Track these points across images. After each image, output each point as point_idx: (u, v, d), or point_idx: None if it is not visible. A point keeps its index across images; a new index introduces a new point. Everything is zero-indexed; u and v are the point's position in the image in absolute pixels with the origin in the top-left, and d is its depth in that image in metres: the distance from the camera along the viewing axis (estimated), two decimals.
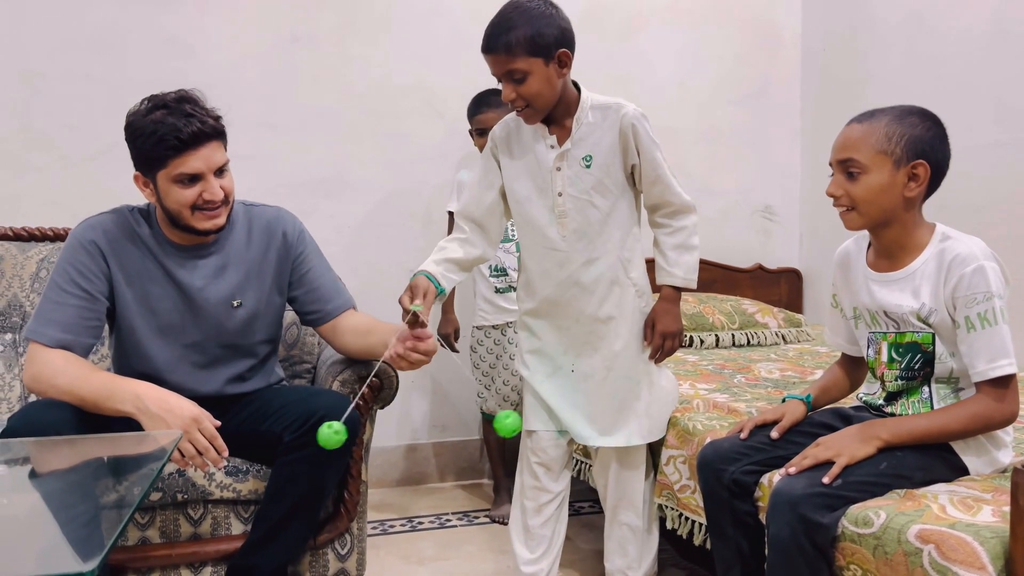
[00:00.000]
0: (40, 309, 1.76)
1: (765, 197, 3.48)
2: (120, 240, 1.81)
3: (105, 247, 1.79)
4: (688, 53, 3.29)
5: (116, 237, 1.81)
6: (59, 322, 1.73)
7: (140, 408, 1.62)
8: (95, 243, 1.78)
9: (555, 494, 1.99)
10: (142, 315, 1.82)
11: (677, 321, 1.86)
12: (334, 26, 2.91)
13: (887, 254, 1.54)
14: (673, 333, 1.85)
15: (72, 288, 1.76)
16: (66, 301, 1.75)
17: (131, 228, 1.82)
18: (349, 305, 1.96)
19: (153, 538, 1.82)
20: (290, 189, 2.76)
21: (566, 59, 1.72)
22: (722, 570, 1.58)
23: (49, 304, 1.75)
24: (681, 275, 1.84)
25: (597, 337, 1.86)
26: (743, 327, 2.94)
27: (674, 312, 1.86)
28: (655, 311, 1.87)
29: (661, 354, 1.88)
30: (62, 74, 2.64)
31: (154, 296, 1.82)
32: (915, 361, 1.50)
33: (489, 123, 2.67)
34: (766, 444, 1.57)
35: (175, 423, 1.60)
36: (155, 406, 1.62)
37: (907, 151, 1.45)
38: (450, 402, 3.12)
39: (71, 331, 1.74)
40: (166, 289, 1.83)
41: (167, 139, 1.67)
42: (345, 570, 1.95)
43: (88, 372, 1.70)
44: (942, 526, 1.22)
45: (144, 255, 1.82)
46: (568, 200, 1.80)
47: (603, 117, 1.78)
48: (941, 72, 2.77)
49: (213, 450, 1.63)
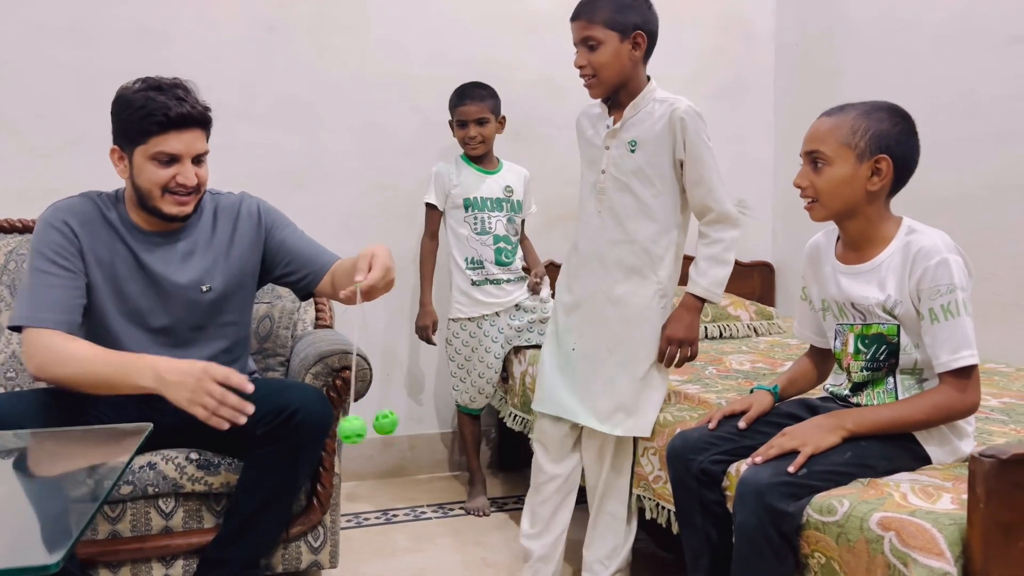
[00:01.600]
0: (25, 295, 1.73)
1: (739, 191, 3.49)
2: (91, 222, 1.79)
3: (77, 228, 1.77)
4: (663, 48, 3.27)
5: (86, 219, 1.79)
6: (50, 304, 1.71)
7: (159, 379, 1.61)
8: (66, 223, 1.77)
9: (551, 476, 2.02)
10: (111, 298, 1.80)
11: (689, 330, 1.85)
12: (310, 16, 2.89)
13: (854, 247, 1.56)
14: (681, 340, 1.85)
15: (53, 269, 1.73)
16: (51, 283, 1.72)
17: (100, 211, 1.81)
18: (336, 258, 1.93)
19: (124, 532, 1.81)
20: (264, 180, 2.74)
21: (641, 41, 1.83)
22: (691, 558, 1.60)
23: (34, 288, 1.72)
24: (704, 285, 1.84)
25: (603, 319, 1.89)
26: (716, 320, 2.97)
27: (687, 320, 1.85)
28: (671, 316, 1.88)
29: (667, 360, 1.87)
30: (31, 63, 2.60)
31: (122, 279, 1.81)
32: (880, 352, 1.52)
33: (470, 115, 2.68)
34: (734, 434, 1.59)
35: (190, 382, 1.58)
36: (171, 375, 1.60)
37: (871, 145, 1.47)
38: (425, 395, 3.12)
39: (64, 311, 1.71)
40: (134, 273, 1.82)
41: (155, 115, 1.68)
42: (318, 562, 1.96)
43: (95, 353, 1.67)
44: (903, 514, 1.25)
45: (114, 238, 1.81)
46: (609, 179, 1.88)
47: (659, 107, 1.85)
48: (913, 67, 2.81)
49: (232, 395, 1.59)
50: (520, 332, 2.73)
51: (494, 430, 3.13)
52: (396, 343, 3.06)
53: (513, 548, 2.42)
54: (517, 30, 3.08)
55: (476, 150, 2.71)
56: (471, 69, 2.90)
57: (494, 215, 2.73)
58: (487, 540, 2.48)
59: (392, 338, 3.05)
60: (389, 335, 3.05)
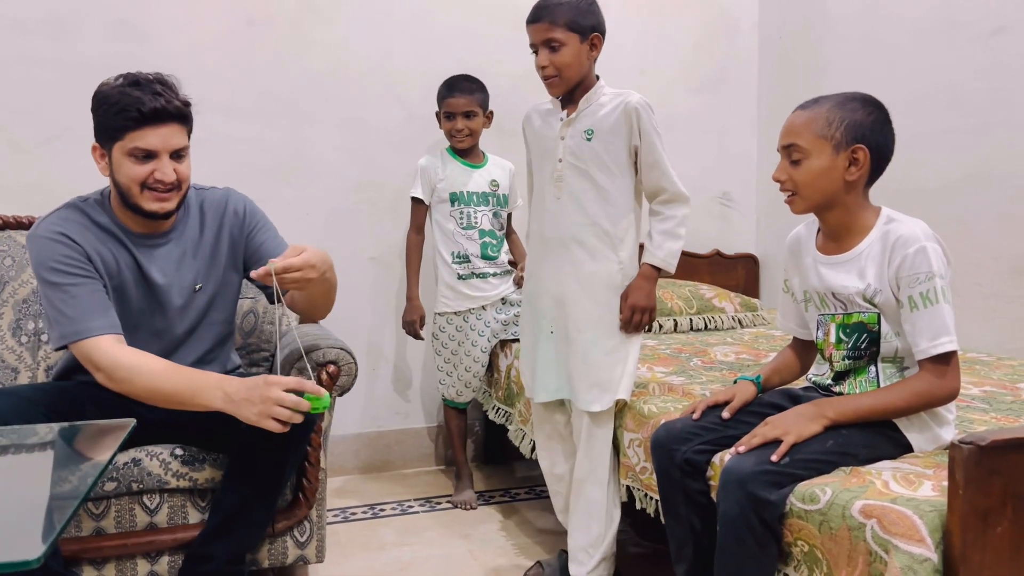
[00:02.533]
0: (58, 314, 1.68)
1: (723, 184, 3.53)
2: (84, 228, 1.76)
3: (74, 235, 1.74)
4: (647, 41, 3.31)
5: (79, 226, 1.76)
6: (88, 312, 1.68)
7: (227, 399, 1.60)
8: (63, 234, 1.73)
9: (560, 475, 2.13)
10: (115, 302, 1.78)
11: (649, 298, 1.96)
12: (291, 9, 2.87)
13: (834, 237, 1.57)
14: (643, 307, 1.95)
15: (72, 280, 1.70)
16: (78, 293, 1.69)
17: (90, 217, 1.78)
18: None
19: (108, 528, 1.80)
20: (248, 174, 2.72)
21: (598, 43, 1.93)
22: (675, 548, 1.61)
23: (63, 305, 1.68)
24: (661, 256, 1.96)
25: (573, 300, 1.96)
26: (701, 312, 2.98)
27: (647, 288, 1.96)
28: (630, 286, 1.97)
29: (630, 327, 1.96)
30: (10, 58, 2.58)
31: (127, 284, 1.80)
32: (861, 341, 1.54)
33: (459, 108, 2.68)
34: (717, 424, 1.60)
35: (256, 397, 1.57)
36: (238, 394, 1.59)
37: (846, 136, 1.48)
38: (412, 389, 3.12)
39: (104, 315, 1.70)
40: (136, 279, 1.81)
41: (128, 110, 1.66)
42: (304, 557, 1.95)
43: (164, 369, 1.66)
44: (884, 501, 1.26)
45: (115, 244, 1.79)
46: (566, 167, 1.96)
47: (611, 100, 1.94)
48: (896, 59, 2.83)
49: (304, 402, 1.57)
50: (506, 326, 2.74)
51: (479, 424, 3.13)
52: (382, 338, 3.05)
53: (499, 540, 2.43)
54: (500, 23, 3.07)
55: (463, 143, 2.71)
56: (454, 62, 2.90)
57: (480, 209, 2.73)
58: (474, 533, 2.49)
59: (378, 333, 3.05)
60: (374, 330, 3.04)
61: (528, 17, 1.93)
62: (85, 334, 1.67)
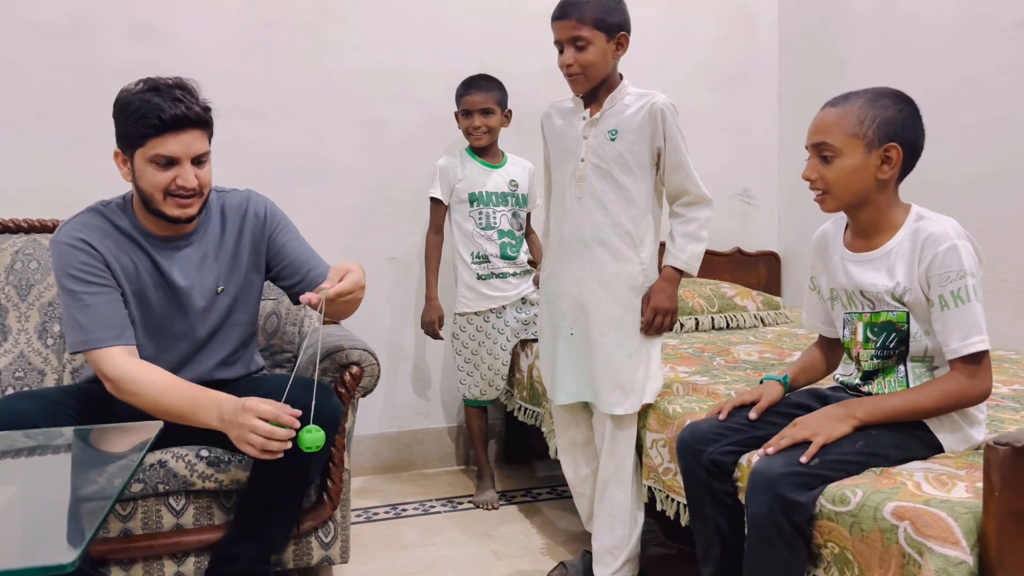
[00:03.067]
0: (73, 322, 1.71)
1: (743, 181, 3.50)
2: (105, 234, 1.78)
3: (94, 242, 1.76)
4: (665, 38, 3.29)
5: (100, 232, 1.78)
6: (102, 322, 1.71)
7: (221, 419, 1.62)
8: (84, 240, 1.75)
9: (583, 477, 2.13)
10: (136, 306, 1.80)
11: (672, 300, 1.95)
12: (309, 11, 2.88)
13: (863, 234, 1.55)
14: (665, 309, 1.94)
15: (88, 288, 1.72)
16: (92, 302, 1.71)
17: (111, 222, 1.80)
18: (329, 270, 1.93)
19: (135, 529, 1.81)
20: (269, 176, 2.74)
21: (624, 42, 1.90)
22: (702, 549, 1.60)
23: (78, 313, 1.71)
24: (684, 259, 1.94)
25: (594, 301, 1.94)
26: (722, 310, 2.96)
27: (669, 291, 1.95)
28: (652, 288, 1.96)
29: (652, 329, 1.95)
30: (32, 62, 2.60)
31: (147, 289, 1.81)
32: (890, 340, 1.52)
33: (476, 105, 2.67)
34: (744, 425, 1.59)
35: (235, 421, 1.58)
36: (228, 414, 1.60)
37: (879, 134, 1.46)
38: (433, 389, 3.12)
39: (116, 326, 1.72)
40: (158, 283, 1.82)
41: (149, 117, 1.67)
42: (329, 557, 1.96)
43: (167, 383, 1.68)
44: (917, 503, 1.24)
45: (134, 248, 1.80)
46: (588, 167, 1.93)
47: (636, 100, 1.92)
48: (917, 54, 2.80)
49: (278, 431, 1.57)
50: (527, 325, 2.73)
51: (500, 423, 3.13)
52: (402, 338, 3.06)
53: (521, 540, 2.43)
54: (519, 22, 3.07)
55: (480, 140, 2.70)
56: (473, 61, 2.89)
57: (499, 210, 2.72)
58: (496, 533, 2.49)
59: (397, 333, 3.05)
60: (394, 330, 3.05)
61: (554, 13, 1.90)
62: (96, 344, 1.69)
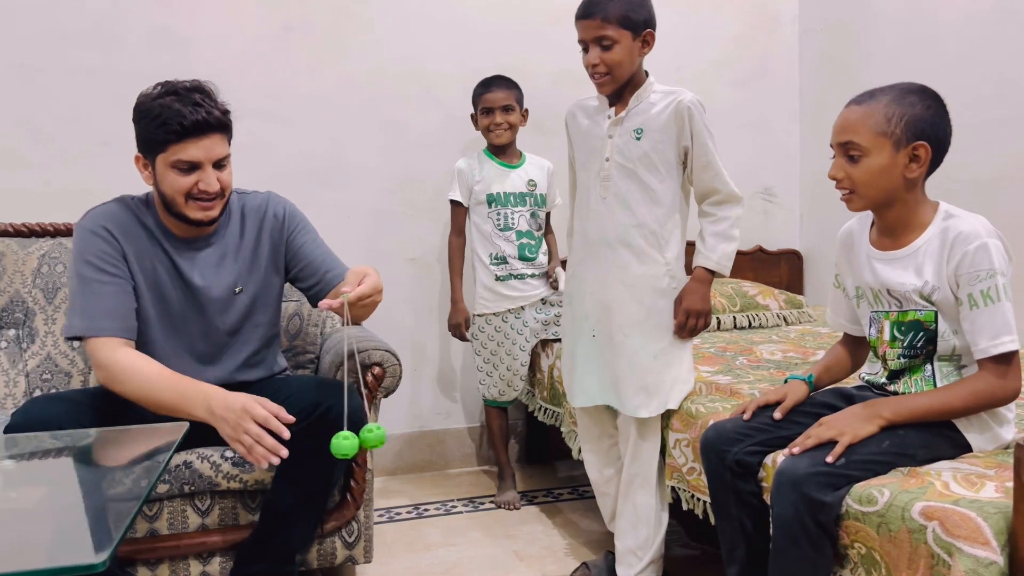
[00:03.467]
0: (76, 305, 1.74)
1: (765, 179, 3.48)
2: (129, 226, 1.81)
3: (117, 232, 1.79)
4: (686, 35, 3.28)
5: (125, 224, 1.81)
6: (104, 311, 1.72)
7: (210, 411, 1.63)
8: (105, 228, 1.78)
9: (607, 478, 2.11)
10: (153, 304, 1.82)
11: (704, 301, 1.92)
12: (328, 14, 2.89)
13: (890, 232, 1.54)
14: (698, 311, 1.92)
15: (103, 276, 1.75)
16: (103, 290, 1.74)
17: (136, 216, 1.83)
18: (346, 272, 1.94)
19: (161, 529, 1.83)
20: (289, 178, 2.75)
21: (650, 39, 1.87)
22: (727, 549, 1.59)
23: (84, 298, 1.73)
24: (716, 259, 1.92)
25: (618, 303, 1.92)
26: (744, 309, 2.94)
27: (702, 292, 1.92)
28: (684, 289, 1.94)
29: (685, 332, 1.93)
30: (58, 68, 2.63)
31: (163, 285, 1.83)
32: (917, 339, 1.50)
33: (497, 102, 2.67)
34: (769, 425, 1.58)
35: (231, 418, 1.60)
36: (219, 409, 1.62)
37: (907, 132, 1.44)
38: (454, 390, 3.12)
39: (120, 317, 1.74)
40: (174, 280, 1.83)
41: (170, 123, 1.68)
42: (352, 557, 1.97)
43: (157, 374, 1.69)
44: (946, 503, 1.23)
45: (153, 244, 1.82)
46: (613, 166, 1.91)
47: (662, 98, 1.89)
48: (940, 49, 2.76)
49: (268, 437, 1.59)
50: (547, 326, 2.73)
51: (521, 424, 3.13)
52: (424, 339, 3.06)
53: (544, 541, 2.42)
54: (537, 22, 3.07)
55: (501, 138, 2.70)
56: (491, 62, 2.89)
57: (517, 210, 2.72)
58: (518, 533, 2.49)
59: (419, 334, 3.06)
60: (416, 330, 3.05)
61: (578, 12, 1.87)
62: (95, 332, 1.71)
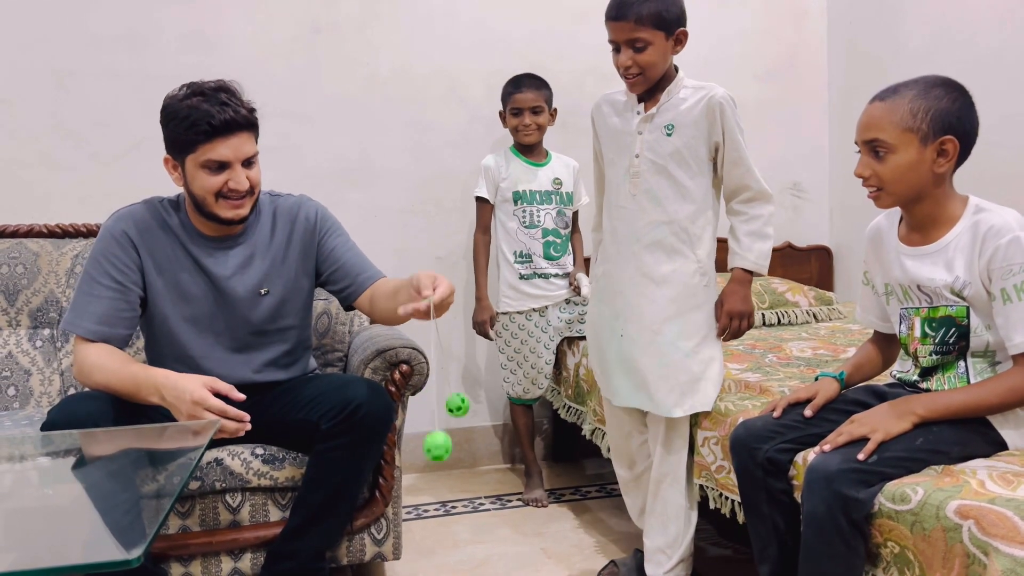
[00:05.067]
0: (75, 301, 1.80)
1: (793, 174, 3.44)
2: (151, 229, 1.84)
3: (136, 237, 1.82)
4: (713, 28, 3.25)
5: (146, 227, 1.84)
6: (95, 314, 1.77)
7: (162, 398, 1.66)
8: (125, 233, 1.82)
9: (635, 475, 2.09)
10: (173, 302, 1.85)
11: (746, 302, 1.90)
12: (355, 15, 2.91)
13: (919, 228, 1.51)
14: (740, 313, 1.90)
15: (105, 280, 1.79)
16: (100, 293, 1.79)
17: (161, 218, 1.86)
18: (379, 275, 1.95)
19: (193, 526, 1.85)
20: (317, 179, 2.78)
21: (683, 38, 1.84)
22: (758, 548, 1.58)
23: (84, 296, 1.79)
24: (752, 259, 1.89)
25: (648, 300, 1.90)
26: (773, 306, 2.92)
27: (742, 293, 1.90)
28: (724, 291, 1.91)
29: (729, 334, 1.92)
30: (91, 72, 2.67)
31: (184, 283, 1.85)
32: (949, 335, 1.48)
33: (527, 103, 2.67)
34: (799, 422, 1.56)
35: (183, 407, 1.62)
36: (169, 394, 1.64)
37: (933, 127, 1.42)
38: (481, 387, 3.13)
39: (107, 323, 1.78)
40: (196, 278, 1.85)
41: (199, 124, 1.70)
42: (381, 554, 1.98)
43: (120, 366, 1.73)
44: (981, 501, 1.21)
45: (174, 244, 1.85)
46: (644, 163, 1.88)
47: (693, 93, 1.86)
48: (971, 42, 2.71)
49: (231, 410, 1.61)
50: (570, 324, 2.73)
51: (547, 421, 3.13)
52: (450, 337, 3.07)
53: (572, 538, 2.42)
54: (562, 20, 3.06)
55: (530, 137, 2.70)
56: (517, 60, 2.89)
57: (543, 208, 2.72)
58: (546, 531, 2.49)
59: (446, 332, 3.07)
60: (442, 329, 3.06)
61: (609, 12, 1.83)
62: (78, 330, 1.78)
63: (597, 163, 2.07)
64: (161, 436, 1.66)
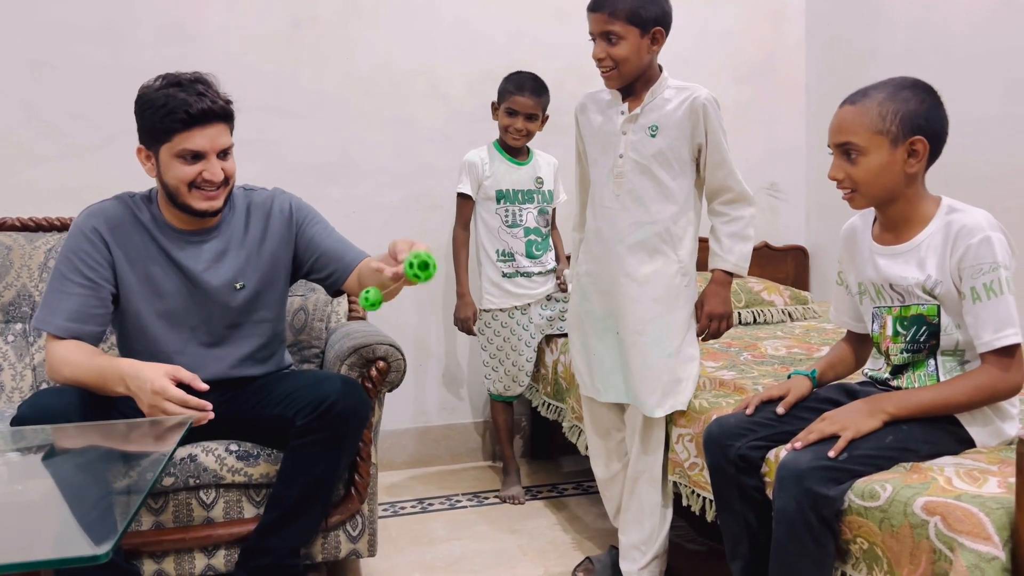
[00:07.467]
0: (46, 298, 1.79)
1: (771, 174, 3.47)
2: (122, 225, 1.82)
3: (106, 233, 1.81)
4: (692, 30, 3.27)
5: (118, 222, 1.82)
6: (65, 311, 1.76)
7: (127, 387, 1.65)
8: (96, 230, 1.80)
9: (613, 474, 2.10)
10: (146, 298, 1.83)
11: (726, 304, 1.92)
12: (336, 10, 2.89)
13: (892, 228, 1.54)
14: (720, 314, 1.92)
15: (76, 276, 1.78)
16: (71, 290, 1.77)
17: (132, 213, 1.84)
18: (363, 256, 1.93)
19: (167, 522, 1.84)
20: (297, 174, 2.76)
21: (660, 37, 1.84)
22: (730, 545, 1.59)
23: (54, 293, 1.78)
24: (733, 261, 1.91)
25: (631, 300, 1.91)
26: (749, 305, 2.94)
27: (723, 295, 1.92)
28: (704, 293, 1.93)
29: (708, 335, 1.93)
30: (68, 63, 2.64)
31: (157, 278, 1.84)
32: (920, 334, 1.50)
33: (525, 108, 2.65)
34: (772, 420, 1.58)
35: (144, 397, 1.61)
36: (133, 384, 1.64)
37: (903, 128, 1.44)
38: (459, 384, 3.13)
39: (77, 319, 1.76)
40: (168, 272, 1.84)
41: (176, 112, 1.69)
42: (356, 551, 1.97)
43: (86, 358, 1.72)
44: (948, 498, 1.23)
45: (146, 239, 1.83)
46: (628, 163, 1.89)
47: (677, 94, 1.87)
48: (948, 45, 2.75)
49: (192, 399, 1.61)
50: (551, 322, 2.73)
51: (526, 419, 3.13)
52: (428, 333, 3.07)
53: (548, 535, 2.43)
54: (543, 18, 3.07)
55: (517, 142, 2.70)
56: (498, 58, 2.90)
57: (525, 207, 2.72)
58: (522, 528, 2.49)
59: (424, 328, 3.06)
60: (421, 326, 3.06)
61: (589, 3, 1.85)
62: (49, 328, 1.77)
63: (580, 163, 2.07)
64: (134, 432, 1.64)
